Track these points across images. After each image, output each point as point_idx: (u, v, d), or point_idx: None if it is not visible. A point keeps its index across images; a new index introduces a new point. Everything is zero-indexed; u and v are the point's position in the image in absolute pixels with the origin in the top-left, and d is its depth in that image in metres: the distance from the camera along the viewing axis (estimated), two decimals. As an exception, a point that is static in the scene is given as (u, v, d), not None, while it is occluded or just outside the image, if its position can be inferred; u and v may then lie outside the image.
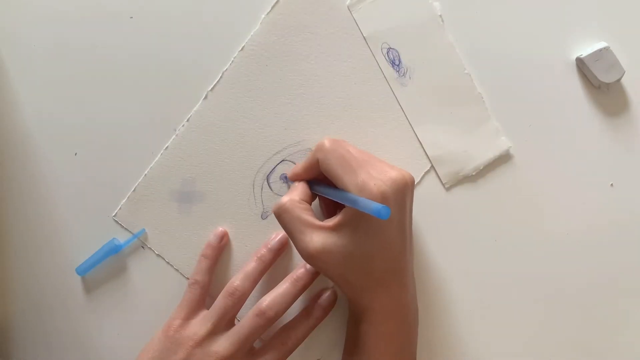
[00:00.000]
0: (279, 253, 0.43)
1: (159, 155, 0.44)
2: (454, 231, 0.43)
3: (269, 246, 0.42)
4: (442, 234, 0.43)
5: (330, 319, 0.43)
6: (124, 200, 0.45)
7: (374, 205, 0.32)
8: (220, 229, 0.44)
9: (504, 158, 0.43)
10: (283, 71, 0.43)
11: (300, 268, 0.41)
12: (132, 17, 0.45)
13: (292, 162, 0.44)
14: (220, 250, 0.44)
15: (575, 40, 0.43)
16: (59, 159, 0.45)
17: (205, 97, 0.44)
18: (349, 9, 0.43)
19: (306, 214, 0.37)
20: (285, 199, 0.38)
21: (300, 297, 0.41)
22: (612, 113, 0.43)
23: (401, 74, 0.43)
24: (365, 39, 0.43)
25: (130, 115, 0.45)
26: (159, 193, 0.44)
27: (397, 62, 0.43)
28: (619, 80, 0.42)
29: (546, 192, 0.43)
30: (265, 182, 0.44)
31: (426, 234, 0.43)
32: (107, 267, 0.45)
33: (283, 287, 0.40)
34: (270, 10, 0.43)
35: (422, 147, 0.43)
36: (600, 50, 0.42)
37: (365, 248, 0.36)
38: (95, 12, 0.45)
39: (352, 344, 0.39)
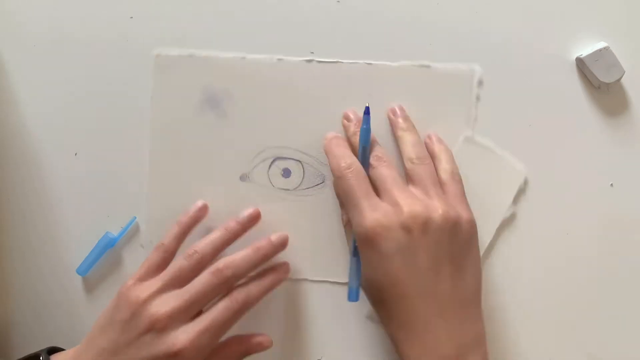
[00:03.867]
0: (247, 227, 0.42)
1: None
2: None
3: (237, 219, 0.42)
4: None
5: (331, 318, 0.43)
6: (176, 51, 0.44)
7: (348, 286, 0.36)
8: (200, 202, 0.43)
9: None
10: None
11: (264, 239, 0.41)
12: (132, 17, 0.45)
13: (307, 163, 0.44)
14: (195, 221, 0.43)
15: (575, 40, 0.43)
16: (59, 159, 0.45)
17: (280, 60, 0.43)
18: None
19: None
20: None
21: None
22: (612, 113, 0.43)
23: None
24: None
25: (131, 115, 0.45)
26: (196, 80, 0.44)
27: None
28: (619, 80, 0.42)
29: (546, 192, 0.43)
30: (271, 160, 0.44)
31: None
32: (106, 266, 0.45)
33: (244, 252, 0.40)
34: None
35: None
36: (600, 50, 0.42)
37: (376, 278, 0.37)
38: (96, 13, 0.45)
39: None
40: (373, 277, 0.37)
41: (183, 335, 0.37)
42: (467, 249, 0.37)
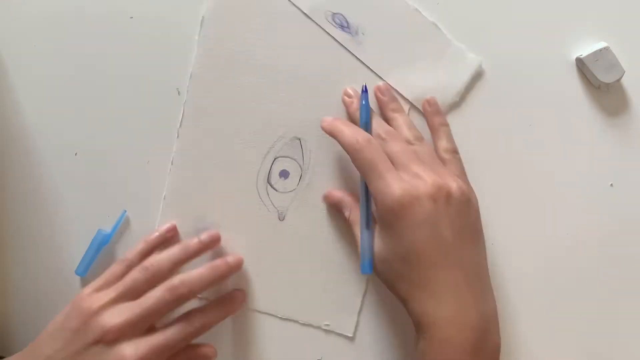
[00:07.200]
0: (207, 247, 0.42)
1: (160, 208, 0.44)
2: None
3: (199, 238, 0.41)
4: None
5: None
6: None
7: (362, 257, 0.36)
8: (173, 222, 0.43)
9: (479, 75, 0.43)
10: (240, 75, 0.43)
11: (220, 259, 0.41)
12: (132, 17, 0.45)
13: (285, 156, 0.44)
14: (164, 240, 0.43)
15: (575, 40, 0.43)
16: (59, 159, 0.45)
17: (178, 136, 0.44)
18: None
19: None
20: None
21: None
22: (612, 113, 0.43)
23: (354, 34, 0.43)
24: (307, 16, 0.43)
25: (131, 115, 0.45)
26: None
27: (345, 25, 0.43)
28: (619, 80, 0.42)
29: (545, 192, 0.43)
30: (269, 186, 0.44)
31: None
32: (103, 264, 0.45)
33: (200, 270, 0.39)
34: (200, 29, 0.43)
35: (400, 94, 0.43)
36: (600, 50, 0.42)
37: (398, 248, 0.36)
38: (96, 12, 0.45)
39: None
40: (397, 249, 0.36)
41: (132, 350, 0.36)
42: (479, 223, 0.38)
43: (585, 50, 0.42)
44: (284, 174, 0.44)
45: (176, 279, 0.38)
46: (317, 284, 0.43)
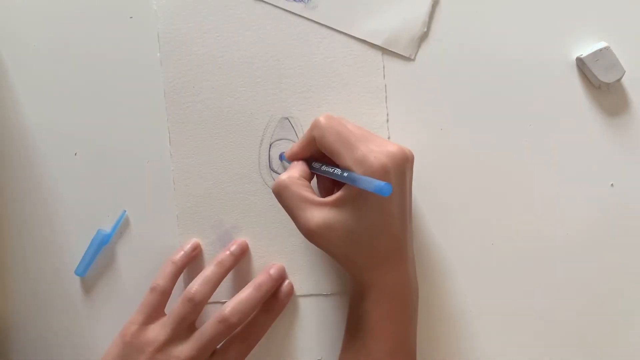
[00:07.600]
0: (239, 258, 0.43)
1: (177, 228, 0.44)
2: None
3: (228, 251, 0.42)
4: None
5: (331, 320, 0.43)
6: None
7: (375, 183, 0.32)
8: (195, 240, 0.44)
9: (437, 1, 0.43)
10: (210, 77, 0.44)
11: (263, 274, 0.42)
12: (132, 17, 0.45)
13: (279, 139, 0.44)
14: (191, 260, 0.43)
15: (575, 40, 0.43)
16: (59, 159, 0.45)
17: (171, 155, 0.44)
18: None
19: (306, 191, 0.37)
20: (284, 176, 0.37)
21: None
22: (612, 113, 0.43)
23: (306, 0, 0.43)
24: None
25: (131, 115, 0.45)
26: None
27: None
28: (619, 80, 0.42)
29: (546, 192, 0.43)
30: (272, 172, 0.44)
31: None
32: (103, 265, 0.45)
33: (246, 293, 0.40)
34: (159, 45, 0.44)
35: (370, 42, 0.43)
36: (600, 50, 0.42)
37: (367, 224, 0.36)
38: (95, 12, 0.45)
39: (354, 324, 0.39)
40: (371, 220, 0.36)
41: None
42: None
43: (585, 50, 0.42)
44: (282, 157, 0.44)
45: (227, 310, 0.39)
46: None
